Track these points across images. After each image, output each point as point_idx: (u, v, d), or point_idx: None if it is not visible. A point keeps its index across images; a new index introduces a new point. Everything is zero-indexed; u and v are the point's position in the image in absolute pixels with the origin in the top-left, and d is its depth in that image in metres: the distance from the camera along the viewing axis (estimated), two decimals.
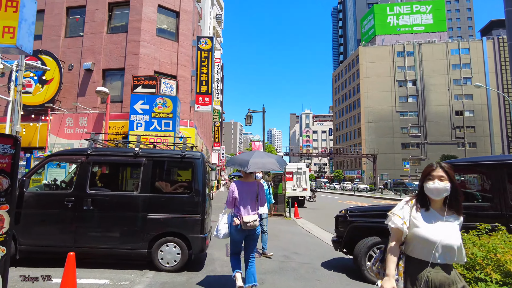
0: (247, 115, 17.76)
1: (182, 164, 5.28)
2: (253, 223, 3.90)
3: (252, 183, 4.14)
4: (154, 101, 8.35)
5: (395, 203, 2.85)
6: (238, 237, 4.02)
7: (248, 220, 3.89)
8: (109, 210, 4.91)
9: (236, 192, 4.02)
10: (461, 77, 68.55)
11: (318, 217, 14.42)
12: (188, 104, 16.28)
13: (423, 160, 67.74)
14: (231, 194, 4.05)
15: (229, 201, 4.05)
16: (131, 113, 9.49)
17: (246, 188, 4.07)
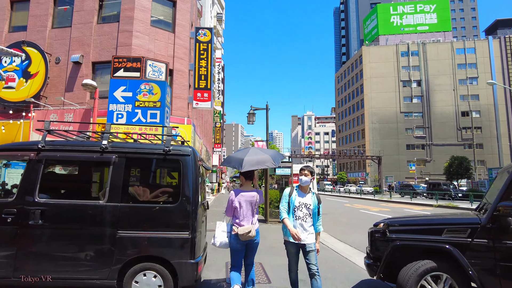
0: (250, 112, 16.44)
1: (166, 163, 3.93)
2: (248, 235, 3.83)
3: (252, 191, 4.03)
4: (138, 87, 6.99)
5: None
6: (238, 247, 3.93)
7: (242, 232, 3.81)
8: (65, 226, 3.57)
9: (236, 201, 3.94)
10: (467, 77, 67.16)
11: (327, 223, 13.06)
12: (186, 100, 14.98)
13: (429, 161, 66.34)
14: (231, 203, 3.98)
15: (229, 209, 4.00)
16: (110, 102, 8.08)
17: (246, 197, 3.97)
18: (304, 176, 3.90)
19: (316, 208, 3.88)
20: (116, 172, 3.69)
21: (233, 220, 4.00)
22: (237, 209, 3.93)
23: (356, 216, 15.89)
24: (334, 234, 10.34)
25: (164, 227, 3.64)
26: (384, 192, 50.10)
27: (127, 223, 3.61)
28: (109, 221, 3.57)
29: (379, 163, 55.59)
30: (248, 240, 3.92)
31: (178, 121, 13.82)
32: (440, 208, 20.15)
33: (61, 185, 3.99)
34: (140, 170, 4.00)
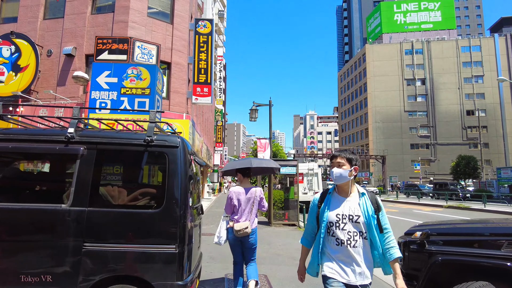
0: (252, 108, 15.61)
1: (148, 156, 3.11)
2: (243, 231, 3.88)
3: (251, 188, 4.11)
4: (125, 71, 6.15)
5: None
6: (234, 242, 4.02)
7: (238, 228, 3.87)
8: (16, 237, 2.78)
9: (235, 199, 4.01)
10: (472, 75, 66.07)
11: None
12: (184, 95, 14.19)
13: (433, 161, 65.35)
14: (230, 200, 4.04)
15: (228, 207, 4.07)
16: (92, 89, 7.23)
17: (244, 194, 4.04)
18: (337, 168, 2.28)
19: (373, 220, 2.18)
20: (84, 167, 2.89)
21: (231, 217, 4.06)
22: (235, 207, 3.98)
23: None
24: None
25: (144, 238, 2.83)
26: (388, 192, 49.22)
27: (97, 234, 2.80)
28: (73, 231, 2.77)
29: (383, 163, 54.67)
30: (243, 238, 3.96)
31: (176, 117, 13.03)
32: (451, 209, 19.26)
33: (13, 184, 3.17)
34: (115, 166, 3.20)
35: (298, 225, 11.06)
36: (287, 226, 11.03)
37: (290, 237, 8.97)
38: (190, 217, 3.06)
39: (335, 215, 2.20)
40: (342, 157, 2.29)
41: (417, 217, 15.27)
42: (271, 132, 16.03)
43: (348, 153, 2.34)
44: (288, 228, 10.67)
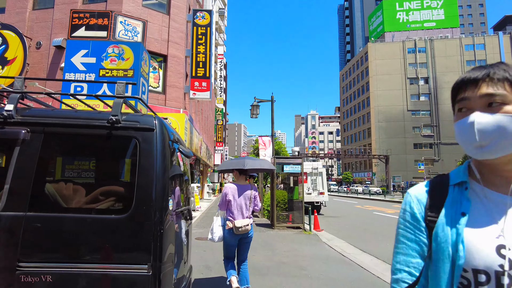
0: (253, 104, 14.83)
1: (113, 143, 2.30)
2: (245, 228, 3.83)
3: (246, 186, 4.07)
4: (105, 50, 5.33)
5: None
6: (232, 241, 3.95)
7: (240, 225, 3.80)
8: None
9: (230, 195, 3.95)
10: None
11: (343, 228, 11.43)
12: (181, 90, 13.42)
13: (437, 161, 64.45)
14: (225, 197, 3.98)
15: (222, 203, 3.99)
16: (65, 71, 6.37)
17: (240, 191, 3.99)
18: (487, 114, 0.82)
19: None
20: (26, 157, 2.10)
21: (227, 214, 3.96)
22: (230, 203, 3.91)
23: (372, 220, 14.25)
24: (354, 242, 8.71)
25: (106, 255, 2.04)
26: (391, 192, 48.44)
27: (38, 249, 2.01)
28: (3, 246, 1.98)
29: (387, 163, 53.84)
30: (242, 235, 3.91)
31: (172, 112, 12.26)
32: None
33: None
34: (68, 155, 2.40)
35: (303, 228, 10.25)
36: (291, 229, 10.22)
37: (296, 242, 8.17)
38: (170, 225, 2.26)
39: (491, 250, 0.79)
40: (500, 81, 0.85)
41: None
42: (273, 129, 15.25)
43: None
44: (292, 231, 9.87)
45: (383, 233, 10.31)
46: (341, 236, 9.76)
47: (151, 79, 12.90)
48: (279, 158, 10.74)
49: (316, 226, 10.37)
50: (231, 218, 3.91)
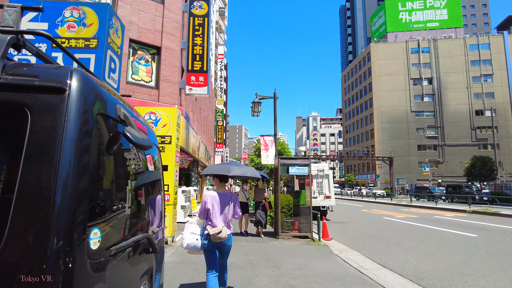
0: (255, 101, 13.74)
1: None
2: (219, 236, 3.74)
3: (226, 194, 4.01)
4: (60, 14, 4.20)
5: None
6: (210, 248, 3.86)
7: (214, 232, 3.73)
8: None
9: (209, 203, 3.86)
10: (481, 74, 64.05)
11: (353, 237, 10.30)
12: (176, 84, 12.34)
13: (441, 163, 63.24)
14: (204, 205, 3.89)
15: (202, 212, 3.91)
16: None
17: (220, 199, 3.92)
18: None
19: None
20: None
21: (206, 222, 3.92)
22: (209, 211, 3.86)
23: (383, 226, 13.11)
24: (370, 254, 7.58)
25: None
26: (396, 195, 47.21)
27: None
28: None
29: (391, 164, 52.59)
30: (219, 243, 3.84)
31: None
32: (476, 215, 17.27)
33: None
34: None
35: (311, 238, 9.11)
36: (297, 239, 9.09)
37: (305, 255, 7.04)
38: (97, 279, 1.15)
39: None
40: None
41: (447, 225, 13.30)
42: (276, 128, 14.16)
43: None
44: (299, 242, 8.74)
45: (399, 242, 9.19)
46: (353, 246, 8.64)
47: (143, 73, 11.84)
48: (284, 159, 9.64)
49: (325, 234, 9.26)
50: (210, 225, 3.83)
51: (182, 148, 11.99)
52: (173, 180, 7.62)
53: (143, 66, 11.90)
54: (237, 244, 8.12)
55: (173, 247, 7.33)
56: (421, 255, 7.52)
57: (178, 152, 8.08)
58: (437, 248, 8.36)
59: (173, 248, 7.25)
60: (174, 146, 7.72)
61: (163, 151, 7.69)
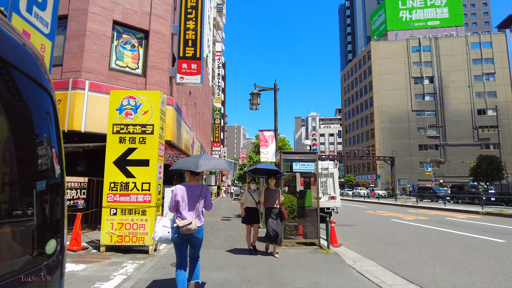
0: (253, 92, 12.54)
1: None
2: (187, 227, 3.72)
3: (196, 186, 4.02)
4: None
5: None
6: (178, 240, 3.85)
7: (183, 224, 3.72)
8: None
9: (179, 196, 3.89)
10: (483, 73, 63.12)
11: (365, 242, 9.10)
12: (166, 72, 11.12)
13: (443, 163, 62.20)
14: (174, 197, 3.92)
15: (172, 205, 3.94)
16: None
17: (190, 192, 3.94)
18: None
19: None
20: None
21: (176, 214, 3.93)
22: (179, 203, 3.88)
23: (394, 229, 11.91)
24: (388, 264, 6.38)
25: None
26: (398, 195, 46.10)
27: None
28: None
29: (392, 164, 51.53)
30: (188, 235, 3.83)
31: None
32: (491, 216, 16.09)
33: None
34: None
35: (318, 244, 7.89)
36: (303, 246, 7.88)
37: (313, 268, 5.83)
38: None
39: None
40: None
41: (464, 228, 12.11)
42: (277, 123, 12.96)
43: None
44: (305, 249, 7.53)
45: (419, 250, 7.98)
46: (367, 254, 7.44)
47: (128, 59, 10.62)
48: (287, 153, 8.41)
49: (334, 240, 8.06)
50: (179, 217, 3.87)
51: (172, 143, 10.76)
52: (155, 177, 6.39)
53: (129, 52, 10.67)
54: (232, 254, 6.89)
55: (155, 258, 6.09)
56: (451, 266, 6.33)
57: (162, 144, 6.86)
58: (466, 257, 7.16)
59: (155, 259, 6.02)
60: (157, 137, 6.50)
61: (143, 142, 6.47)
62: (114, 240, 6.26)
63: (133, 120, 6.55)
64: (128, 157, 6.42)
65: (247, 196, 7.03)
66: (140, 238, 6.28)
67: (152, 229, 6.29)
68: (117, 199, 6.33)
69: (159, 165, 6.64)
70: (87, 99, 9.13)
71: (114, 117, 6.57)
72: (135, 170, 6.39)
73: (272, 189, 6.89)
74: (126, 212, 6.30)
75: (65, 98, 9.00)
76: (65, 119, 8.87)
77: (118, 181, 6.37)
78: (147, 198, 6.33)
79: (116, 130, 6.52)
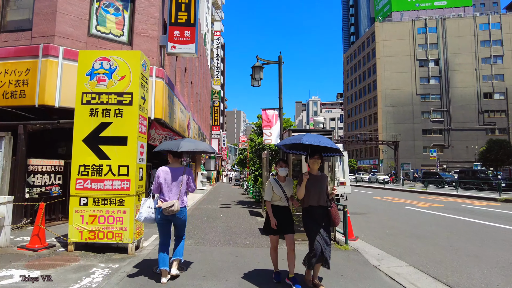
0: (256, 66, 11.11)
1: None
2: (170, 209, 3.85)
3: (179, 169, 4.10)
4: None
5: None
6: (161, 221, 4.00)
7: (166, 206, 3.84)
8: None
9: (162, 178, 3.98)
10: (490, 55, 61.11)
11: (384, 234, 7.92)
12: (155, 40, 9.69)
13: (446, 148, 60.98)
14: (157, 179, 4.00)
15: (155, 187, 4.03)
16: None
17: (173, 173, 4.02)
18: None
19: None
20: None
21: (160, 196, 4.02)
22: (162, 185, 3.97)
23: (412, 218, 10.73)
24: (422, 264, 5.17)
25: None
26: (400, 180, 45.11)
27: None
28: None
29: (396, 149, 50.32)
30: (171, 216, 3.95)
31: None
32: (511, 204, 14.96)
33: None
34: None
35: (334, 239, 6.67)
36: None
37: (335, 273, 4.60)
38: None
39: None
40: None
41: (488, 217, 10.95)
42: (282, 101, 11.59)
43: None
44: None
45: (450, 244, 6.79)
46: (391, 250, 6.26)
47: (112, 24, 9.18)
48: (298, 132, 7.11)
49: (350, 233, 6.89)
50: (162, 199, 3.98)
51: (163, 122, 9.45)
52: (135, 158, 5.11)
53: (112, 16, 9.22)
54: (231, 255, 5.69)
55: (134, 259, 4.86)
56: (500, 269, 5.13)
57: (144, 118, 5.54)
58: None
59: (134, 261, 4.79)
60: (136, 109, 5.18)
61: (120, 115, 5.16)
62: (85, 236, 5.04)
63: (107, 87, 5.22)
64: (101, 134, 5.13)
65: (274, 187, 4.04)
66: (117, 234, 5.05)
67: (131, 223, 5.06)
68: (88, 185, 5.07)
69: (140, 144, 5.35)
70: (62, 69, 7.77)
71: (84, 84, 5.24)
72: (110, 150, 5.11)
73: (317, 176, 3.98)
74: (99, 202, 5.05)
75: (34, 67, 7.64)
76: (35, 92, 7.54)
77: (89, 163, 5.10)
78: (125, 184, 5.07)
79: (86, 100, 5.21)
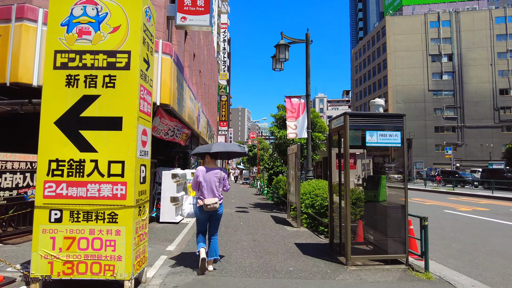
0: (280, 43, 9.31)
1: None
2: (213, 206, 4.25)
3: (216, 169, 4.46)
4: None
5: None
6: (202, 217, 4.38)
7: (208, 202, 4.23)
8: None
9: (201, 177, 4.36)
10: (507, 49, 58.68)
11: (454, 250, 6.14)
12: (162, 9, 7.91)
13: (460, 146, 58.76)
14: (196, 178, 4.40)
15: (194, 184, 4.45)
16: None
17: (210, 173, 4.39)
18: None
19: None
20: None
21: (198, 194, 4.40)
22: (201, 184, 4.34)
23: (470, 227, 8.91)
24: None
25: None
26: (414, 179, 43.28)
27: None
28: None
29: (409, 147, 48.36)
30: (211, 211, 4.34)
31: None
32: None
33: None
34: None
35: (406, 263, 4.89)
36: (380, 265, 4.89)
37: None
38: None
39: None
40: None
41: None
42: (309, 86, 9.82)
43: None
44: (387, 273, 4.53)
45: None
46: (480, 276, 4.47)
47: None
48: (359, 117, 5.24)
49: (413, 247, 5.15)
50: (201, 197, 4.33)
51: (171, 109, 7.69)
52: (134, 151, 3.34)
53: None
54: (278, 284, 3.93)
55: None
56: None
57: (148, 92, 3.77)
58: None
59: None
60: (136, 76, 3.41)
61: (111, 85, 3.39)
62: (57, 269, 3.27)
63: (93, 43, 3.44)
64: (83, 113, 3.35)
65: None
66: (106, 266, 3.28)
67: (130, 248, 3.30)
68: (62, 192, 3.29)
69: (143, 129, 3.57)
70: (42, 37, 6.01)
71: (58, 39, 3.46)
72: (97, 138, 3.33)
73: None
74: (80, 218, 3.28)
75: (6, 34, 5.89)
76: (6, 66, 5.80)
77: (64, 158, 3.32)
78: (119, 190, 3.29)
79: (61, 62, 3.42)
